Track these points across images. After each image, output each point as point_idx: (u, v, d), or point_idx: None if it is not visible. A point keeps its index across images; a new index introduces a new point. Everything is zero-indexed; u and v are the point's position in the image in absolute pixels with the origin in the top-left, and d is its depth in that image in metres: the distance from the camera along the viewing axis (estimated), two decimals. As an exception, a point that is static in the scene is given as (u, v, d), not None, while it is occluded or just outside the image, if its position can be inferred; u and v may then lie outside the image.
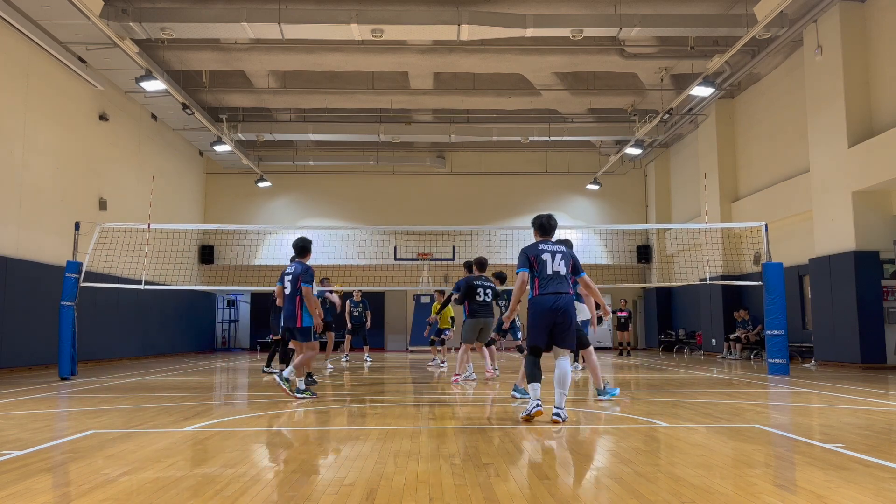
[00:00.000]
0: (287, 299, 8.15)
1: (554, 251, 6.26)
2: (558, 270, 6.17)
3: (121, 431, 5.79)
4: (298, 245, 8.33)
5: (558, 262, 6.20)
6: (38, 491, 3.69)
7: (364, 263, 21.52)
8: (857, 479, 3.87)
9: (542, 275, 6.19)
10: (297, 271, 8.12)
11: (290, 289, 8.11)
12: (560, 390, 6.07)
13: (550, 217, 6.57)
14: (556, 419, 6.00)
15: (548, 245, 6.32)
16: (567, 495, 3.60)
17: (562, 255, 6.24)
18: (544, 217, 6.55)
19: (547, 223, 6.49)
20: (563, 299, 6.10)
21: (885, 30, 13.51)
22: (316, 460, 4.58)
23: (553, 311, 6.07)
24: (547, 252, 6.25)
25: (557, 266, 6.18)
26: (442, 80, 18.48)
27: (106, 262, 13.77)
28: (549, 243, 6.36)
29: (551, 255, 6.23)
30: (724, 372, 13.04)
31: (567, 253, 6.31)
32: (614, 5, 13.76)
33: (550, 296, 6.10)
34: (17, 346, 13.43)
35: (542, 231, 6.48)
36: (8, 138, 13.57)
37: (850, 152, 13.78)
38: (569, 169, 25.49)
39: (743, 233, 18.67)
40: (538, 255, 6.24)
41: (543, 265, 6.20)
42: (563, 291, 6.13)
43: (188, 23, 13.32)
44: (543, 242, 6.37)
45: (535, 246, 6.34)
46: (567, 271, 6.22)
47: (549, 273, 6.16)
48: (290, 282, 8.13)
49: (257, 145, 23.32)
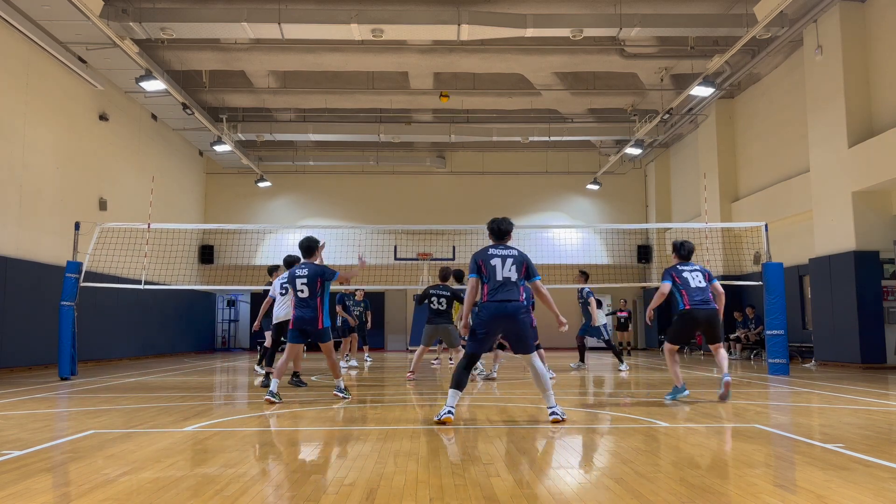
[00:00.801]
0: (302, 303, 7.72)
1: (504, 256, 6.10)
2: (509, 276, 6.01)
3: (121, 431, 5.79)
4: (304, 245, 8.00)
5: (509, 267, 6.04)
6: (38, 491, 3.69)
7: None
8: (857, 479, 3.87)
9: (490, 281, 6.04)
10: (314, 273, 7.75)
11: (306, 292, 7.70)
12: (543, 392, 6.04)
13: (503, 221, 6.38)
14: (554, 419, 5.96)
15: (498, 250, 6.17)
16: (567, 495, 3.60)
17: (513, 260, 6.08)
18: (497, 221, 6.37)
19: (497, 228, 6.32)
20: (511, 307, 5.95)
21: (885, 30, 13.51)
22: (316, 460, 4.58)
23: (499, 318, 5.96)
24: (497, 257, 6.10)
25: (508, 272, 6.02)
26: (442, 80, 18.48)
27: (106, 262, 13.77)
28: (501, 248, 6.20)
29: (501, 259, 6.07)
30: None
31: (519, 257, 6.13)
32: (614, 5, 13.76)
33: (498, 303, 5.96)
34: (17, 346, 13.42)
35: (495, 236, 6.32)
36: (8, 138, 13.57)
37: (850, 152, 13.77)
38: (569, 169, 25.49)
39: (743, 233, 18.67)
40: (487, 260, 6.10)
41: (493, 271, 6.04)
42: (511, 299, 5.97)
43: (188, 23, 13.33)
44: (494, 247, 6.22)
45: (485, 251, 6.20)
46: (518, 276, 6.05)
47: (498, 279, 6.01)
48: (307, 285, 7.70)
49: (257, 145, 23.33)
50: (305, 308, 7.69)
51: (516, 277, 6.04)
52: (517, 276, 6.04)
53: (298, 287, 7.73)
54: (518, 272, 6.06)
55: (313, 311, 7.67)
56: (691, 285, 7.60)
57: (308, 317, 7.68)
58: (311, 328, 7.69)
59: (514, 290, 6.01)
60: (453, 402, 5.97)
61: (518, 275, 6.05)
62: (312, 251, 7.99)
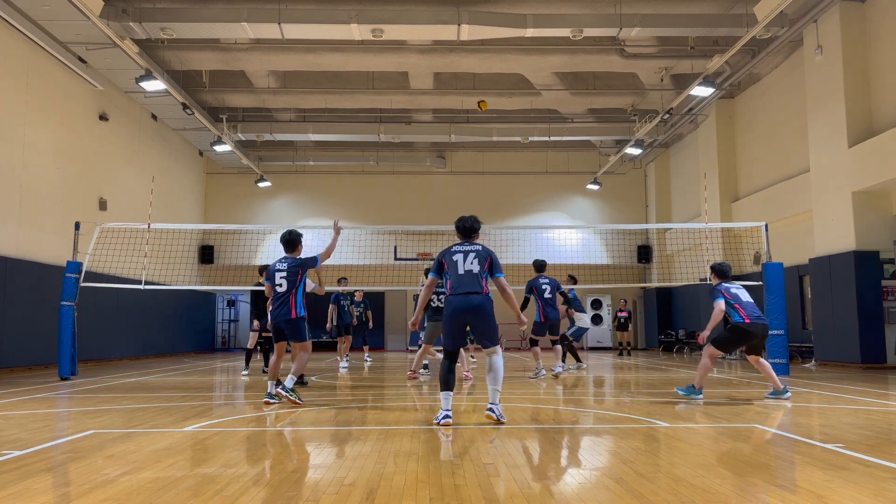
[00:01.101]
0: (278, 297, 7.43)
1: (467, 251, 6.08)
2: (470, 269, 5.97)
3: (121, 431, 5.79)
4: (285, 239, 7.64)
5: (471, 260, 6.00)
6: (38, 491, 3.69)
7: (364, 263, 21.52)
8: (857, 479, 3.87)
9: (452, 276, 6.02)
10: (294, 265, 7.46)
11: (284, 286, 7.40)
12: (492, 387, 5.94)
13: (469, 219, 6.33)
14: (489, 415, 5.90)
15: (462, 246, 6.15)
16: (567, 495, 3.60)
17: (475, 255, 6.03)
18: (464, 219, 6.33)
19: (462, 226, 6.29)
20: (474, 299, 5.90)
21: (885, 30, 13.51)
22: (316, 460, 4.58)
23: (462, 312, 5.94)
24: (459, 252, 6.08)
25: (470, 265, 5.98)
26: (442, 80, 18.49)
27: (106, 262, 13.77)
28: (465, 244, 6.17)
29: (463, 254, 6.05)
30: (724, 372, 13.03)
31: (483, 252, 6.08)
32: (614, 5, 13.76)
33: (460, 296, 5.93)
34: (17, 346, 13.42)
35: (461, 233, 6.28)
36: (8, 138, 13.57)
37: (850, 152, 13.78)
38: (569, 169, 25.49)
39: (743, 233, 18.67)
40: (450, 257, 6.10)
41: (454, 266, 6.03)
42: (473, 291, 5.91)
43: (188, 23, 13.33)
44: (459, 244, 6.20)
45: (448, 249, 6.21)
46: (481, 269, 5.98)
47: (459, 273, 5.98)
48: (286, 279, 7.41)
49: (257, 145, 23.33)
50: (282, 304, 7.41)
51: (478, 269, 5.97)
52: (479, 269, 5.97)
53: (277, 281, 7.45)
54: (481, 265, 5.99)
55: (287, 303, 7.38)
56: (743, 300, 7.88)
57: (283, 311, 7.40)
58: (284, 317, 7.37)
59: (477, 283, 5.94)
60: (447, 404, 5.92)
61: (481, 267, 5.99)
62: (295, 245, 7.66)
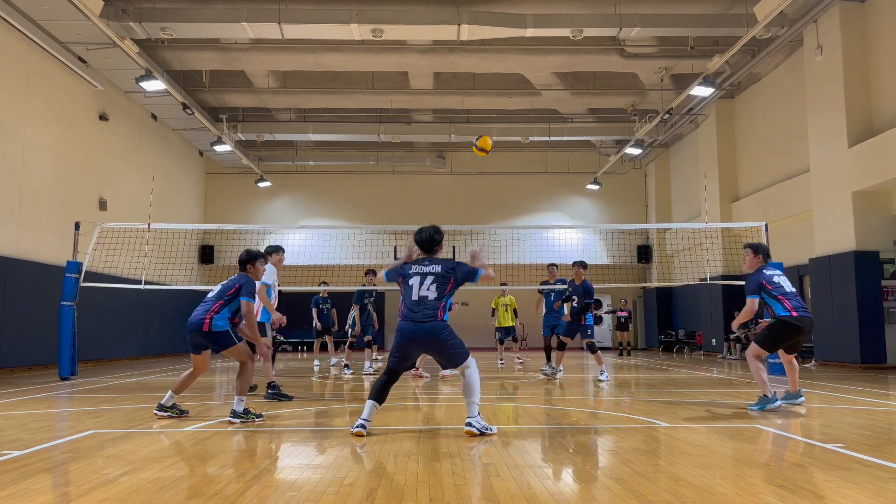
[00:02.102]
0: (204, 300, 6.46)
1: (425, 273, 5.56)
2: (426, 296, 5.48)
3: (121, 431, 5.79)
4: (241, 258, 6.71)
5: (427, 285, 5.51)
6: (38, 491, 3.69)
7: (364, 263, 21.52)
8: (857, 479, 3.87)
9: (406, 299, 5.57)
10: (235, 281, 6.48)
11: (214, 291, 6.48)
12: (468, 399, 5.46)
13: (426, 230, 5.78)
14: (469, 430, 5.37)
15: (420, 265, 5.63)
16: (567, 495, 3.60)
17: (434, 278, 5.53)
18: (423, 231, 5.77)
19: (418, 240, 5.77)
20: (424, 328, 5.41)
21: (885, 30, 13.51)
22: (316, 460, 4.58)
23: (413, 341, 5.47)
24: (416, 275, 5.58)
25: (426, 290, 5.50)
26: (442, 80, 18.49)
27: (106, 262, 13.77)
28: (423, 263, 5.64)
29: (420, 277, 5.55)
30: (724, 372, 13.04)
31: (442, 273, 5.54)
32: (614, 5, 13.76)
33: (412, 325, 5.44)
34: (17, 346, 13.42)
35: (422, 248, 5.78)
36: (8, 138, 13.57)
37: (850, 152, 13.78)
38: (569, 169, 25.49)
39: (743, 233, 18.66)
40: (406, 277, 5.63)
41: (409, 290, 5.56)
42: (426, 319, 5.42)
43: (188, 23, 13.33)
44: (418, 263, 5.67)
45: (408, 265, 5.70)
46: (439, 295, 5.48)
47: (413, 298, 5.51)
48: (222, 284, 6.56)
49: (257, 145, 23.33)
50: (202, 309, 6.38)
51: (435, 296, 5.49)
52: (436, 295, 5.49)
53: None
54: (440, 290, 5.51)
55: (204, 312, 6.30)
56: (786, 289, 6.91)
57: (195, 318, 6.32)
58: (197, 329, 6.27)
59: (430, 311, 5.45)
60: (368, 414, 5.47)
61: (439, 293, 5.50)
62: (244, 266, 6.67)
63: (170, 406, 6.53)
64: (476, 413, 5.44)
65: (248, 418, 6.23)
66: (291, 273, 20.42)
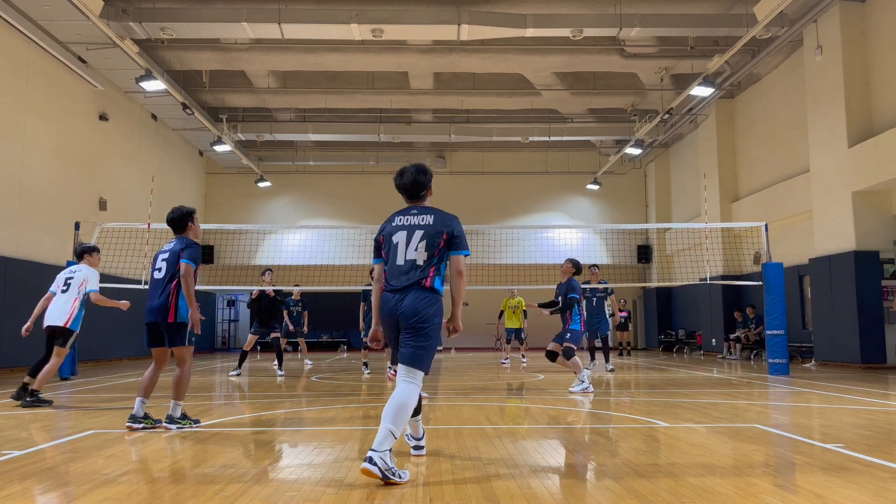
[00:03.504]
0: (156, 285, 6.01)
1: (412, 226, 4.26)
2: (413, 259, 4.17)
3: (121, 431, 5.79)
4: (173, 216, 6.11)
5: (416, 244, 4.20)
6: (38, 491, 3.69)
7: (364, 263, 21.53)
8: (857, 479, 3.87)
9: (390, 263, 4.27)
10: (177, 247, 5.98)
11: (163, 271, 5.97)
12: (385, 424, 3.87)
13: (408, 171, 4.44)
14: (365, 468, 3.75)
15: (405, 216, 4.33)
16: (567, 495, 3.60)
17: (423, 233, 4.22)
18: (408, 171, 4.44)
19: (401, 184, 4.45)
20: (408, 298, 4.12)
21: (885, 30, 13.51)
22: (316, 460, 4.58)
23: (391, 314, 4.16)
24: (401, 229, 4.27)
25: (414, 251, 4.18)
26: (442, 80, 18.49)
27: (106, 262, 13.74)
28: (411, 213, 4.34)
29: (406, 232, 4.25)
30: (724, 372, 13.04)
31: (434, 226, 4.23)
32: (614, 5, 13.76)
33: (392, 295, 4.18)
34: (17, 346, 13.40)
35: (406, 193, 4.46)
36: (8, 138, 13.57)
37: (850, 152, 13.78)
38: (569, 169, 25.50)
39: (743, 233, 18.67)
40: (389, 234, 4.32)
41: (393, 250, 4.25)
42: (411, 284, 4.13)
43: (188, 23, 13.33)
44: (402, 213, 4.37)
45: (388, 221, 4.40)
46: (430, 256, 4.17)
47: (398, 263, 4.20)
48: (166, 261, 5.99)
49: (257, 145, 23.33)
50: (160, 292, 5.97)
51: (425, 258, 4.18)
52: (426, 256, 4.18)
53: (157, 265, 6.12)
54: (430, 249, 4.18)
55: (167, 297, 5.90)
56: None
57: (158, 305, 5.92)
58: (162, 319, 5.92)
59: (417, 274, 4.15)
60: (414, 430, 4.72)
61: (430, 253, 4.18)
62: (183, 223, 6.14)
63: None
64: (387, 447, 3.82)
65: (185, 423, 5.96)
66: (291, 273, 20.42)
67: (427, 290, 4.13)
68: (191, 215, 6.17)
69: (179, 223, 6.11)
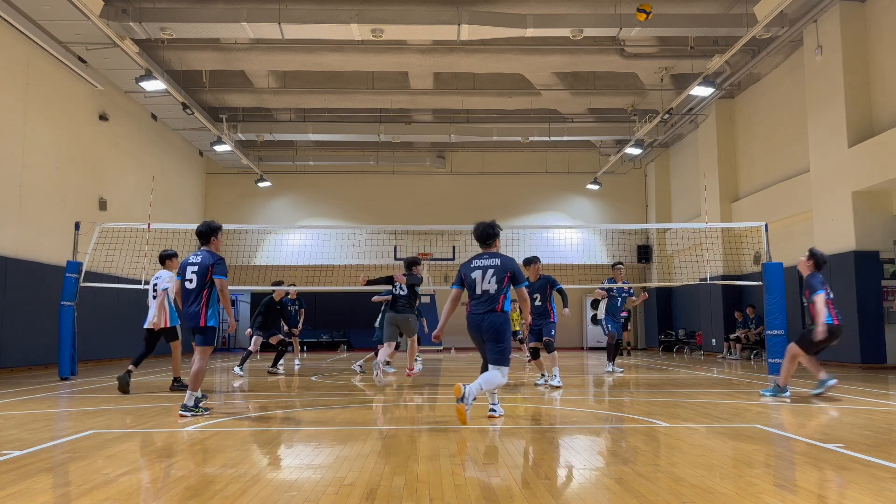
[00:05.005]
0: (188, 294, 6.79)
1: (486, 267, 6.20)
2: (487, 290, 6.13)
3: (121, 431, 5.79)
4: (202, 229, 7.04)
5: (489, 279, 6.14)
6: (38, 491, 3.69)
7: (364, 263, 21.54)
8: (857, 479, 3.87)
9: (471, 294, 6.26)
10: (207, 261, 6.83)
11: (194, 282, 6.75)
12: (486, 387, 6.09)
13: (481, 226, 6.36)
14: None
15: (481, 260, 6.26)
16: (567, 495, 3.60)
17: (493, 271, 6.15)
18: (481, 226, 6.36)
19: (476, 234, 6.37)
20: (488, 319, 6.12)
21: (885, 30, 13.51)
22: (316, 460, 4.58)
23: (477, 330, 6.19)
24: (478, 269, 6.22)
25: (487, 284, 6.14)
26: (442, 80, 18.49)
27: (106, 262, 13.77)
28: (483, 258, 6.28)
29: (482, 271, 6.19)
30: (724, 372, 13.04)
31: (501, 267, 6.17)
32: (614, 5, 13.75)
33: (476, 315, 6.19)
34: (17, 346, 13.42)
35: (479, 241, 6.40)
36: (8, 138, 13.57)
37: (850, 152, 13.78)
38: (569, 169, 25.49)
39: (743, 233, 18.67)
40: (469, 273, 6.27)
41: (473, 284, 6.22)
42: (489, 310, 6.13)
43: (188, 23, 13.32)
44: (478, 258, 6.30)
45: (468, 263, 6.34)
46: (499, 288, 6.12)
47: (477, 293, 6.18)
48: (196, 273, 6.77)
49: (257, 145, 23.33)
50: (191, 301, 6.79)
51: (496, 289, 6.12)
52: (497, 288, 6.12)
53: (188, 276, 6.85)
54: (499, 283, 6.12)
55: (198, 305, 6.76)
56: (832, 296, 7.78)
57: (191, 312, 6.77)
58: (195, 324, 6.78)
59: (492, 302, 6.14)
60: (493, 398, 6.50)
61: (499, 286, 6.12)
62: (209, 236, 7.04)
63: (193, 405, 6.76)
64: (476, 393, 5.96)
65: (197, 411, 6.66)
66: (291, 273, 20.40)
67: (499, 313, 6.14)
68: (217, 231, 7.07)
69: (206, 236, 7.02)
